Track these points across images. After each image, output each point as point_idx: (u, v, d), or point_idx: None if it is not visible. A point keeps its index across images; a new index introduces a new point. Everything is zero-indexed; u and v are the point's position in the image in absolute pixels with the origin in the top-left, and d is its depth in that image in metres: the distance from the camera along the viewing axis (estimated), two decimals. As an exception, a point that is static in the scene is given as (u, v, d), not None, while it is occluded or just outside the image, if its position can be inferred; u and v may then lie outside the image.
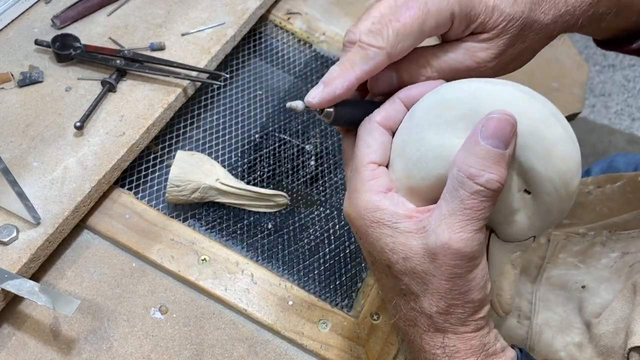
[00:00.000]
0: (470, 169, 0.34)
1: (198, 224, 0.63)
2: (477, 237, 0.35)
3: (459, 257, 0.35)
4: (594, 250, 0.62)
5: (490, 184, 0.34)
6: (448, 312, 0.37)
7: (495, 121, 0.34)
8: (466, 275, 0.36)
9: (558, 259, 0.64)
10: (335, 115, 0.39)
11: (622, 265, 0.58)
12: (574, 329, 0.56)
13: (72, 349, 0.53)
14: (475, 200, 0.34)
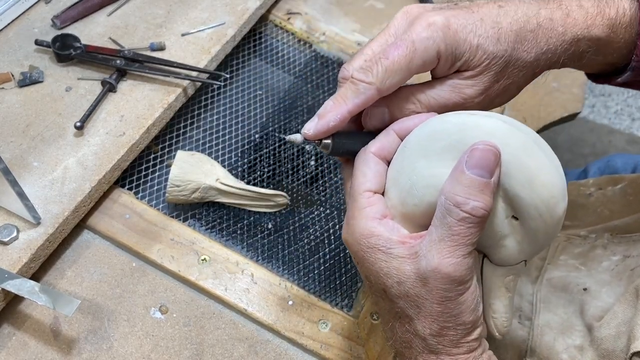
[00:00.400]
0: (457, 197, 0.36)
1: (198, 224, 0.63)
2: (465, 262, 0.37)
3: (448, 281, 0.37)
4: (595, 253, 0.62)
5: (476, 211, 0.36)
6: (441, 334, 0.39)
7: (479, 151, 0.36)
8: (457, 299, 0.37)
9: (559, 260, 0.64)
10: (333, 146, 0.42)
11: (623, 269, 0.58)
12: (575, 332, 0.56)
13: (72, 349, 0.53)
14: (462, 227, 0.36)
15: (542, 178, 0.37)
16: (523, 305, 0.62)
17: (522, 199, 0.38)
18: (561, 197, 0.39)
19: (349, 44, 0.80)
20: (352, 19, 0.84)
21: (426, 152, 0.39)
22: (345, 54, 0.79)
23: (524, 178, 0.37)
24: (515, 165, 0.37)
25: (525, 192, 0.38)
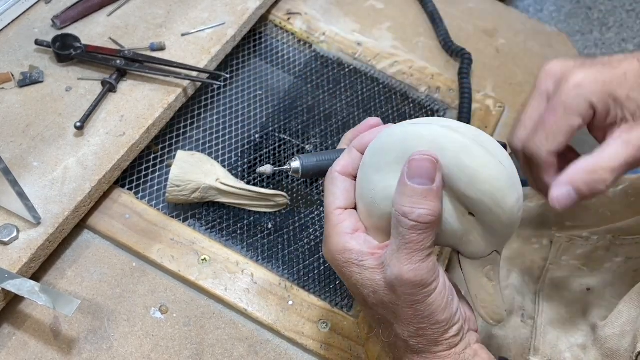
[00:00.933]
0: (404, 208, 0.38)
1: (198, 224, 0.63)
2: (424, 266, 0.38)
3: (411, 286, 0.39)
4: (598, 254, 0.62)
5: (422, 218, 0.38)
6: (419, 334, 0.41)
7: (416, 162, 0.38)
8: (425, 301, 0.39)
9: (561, 261, 0.64)
10: (302, 170, 0.45)
11: (626, 270, 0.58)
12: (578, 331, 0.56)
13: (73, 349, 0.53)
14: (413, 235, 0.38)
15: (484, 174, 0.38)
16: (526, 304, 0.62)
17: (469, 197, 0.39)
18: (507, 189, 0.39)
19: (349, 44, 0.80)
20: (352, 19, 0.84)
21: (378, 166, 0.41)
22: (345, 54, 0.79)
23: (466, 178, 0.39)
24: (456, 166, 0.39)
25: (471, 191, 0.39)
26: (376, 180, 0.41)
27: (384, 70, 0.79)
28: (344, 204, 0.43)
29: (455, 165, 0.39)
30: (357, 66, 0.79)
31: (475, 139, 0.39)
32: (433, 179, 0.38)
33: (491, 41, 0.86)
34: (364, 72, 0.79)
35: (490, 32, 0.88)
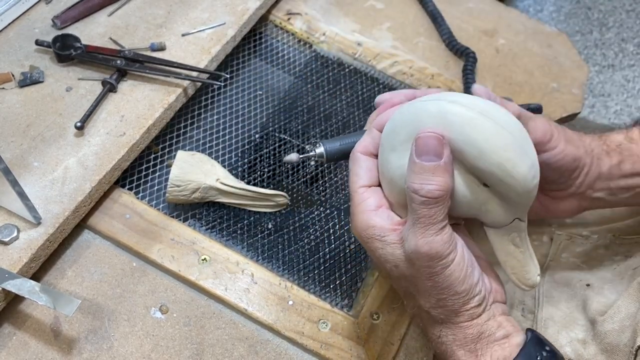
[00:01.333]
0: (414, 185, 0.40)
1: (198, 224, 0.63)
2: (438, 239, 0.40)
3: (428, 259, 0.40)
4: (597, 253, 0.62)
5: (431, 193, 0.39)
6: (439, 305, 0.42)
7: (421, 140, 0.40)
8: (443, 272, 0.40)
9: (561, 258, 0.65)
10: (327, 155, 0.46)
11: (625, 269, 0.58)
12: (578, 326, 0.57)
13: (73, 349, 0.53)
14: (424, 210, 0.39)
15: (491, 146, 0.39)
16: (526, 299, 0.62)
17: (480, 169, 0.40)
18: (517, 158, 0.39)
19: (349, 44, 0.80)
20: (352, 19, 0.84)
21: (393, 145, 0.43)
22: (345, 54, 0.79)
23: (474, 150, 0.39)
24: (464, 140, 0.39)
25: (480, 163, 0.40)
26: (392, 159, 0.43)
27: (384, 70, 0.79)
28: (367, 182, 0.44)
29: (462, 139, 0.39)
30: (357, 66, 0.79)
31: (481, 111, 0.40)
32: (440, 155, 0.39)
33: (491, 41, 0.86)
34: (364, 72, 0.79)
35: (490, 32, 0.88)
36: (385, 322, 0.58)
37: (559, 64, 0.85)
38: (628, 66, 1.98)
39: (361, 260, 0.63)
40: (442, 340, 0.43)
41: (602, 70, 1.96)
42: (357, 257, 0.63)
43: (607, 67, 1.97)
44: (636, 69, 1.97)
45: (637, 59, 1.99)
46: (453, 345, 0.43)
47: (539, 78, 0.83)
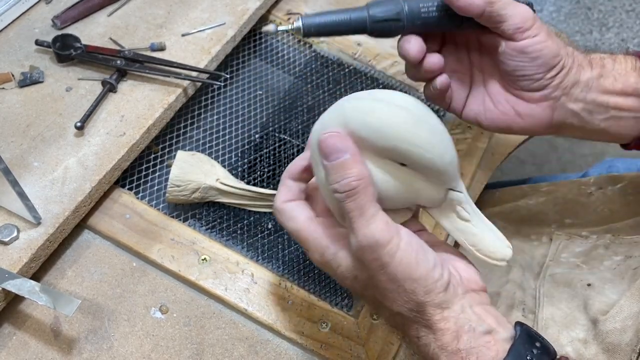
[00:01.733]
0: (333, 186, 0.40)
1: (198, 224, 0.63)
2: (373, 228, 0.39)
3: (370, 250, 0.39)
4: (597, 253, 0.62)
5: (349, 185, 0.39)
6: (405, 301, 0.40)
7: (323, 143, 0.40)
8: (392, 261, 0.39)
9: (560, 258, 0.65)
10: (304, 29, 0.46)
11: (625, 268, 0.58)
12: (579, 326, 0.57)
13: (73, 349, 0.53)
14: (350, 203, 0.39)
15: (387, 123, 0.40)
16: (526, 300, 0.62)
17: (388, 150, 0.41)
18: (415, 126, 0.40)
19: (349, 44, 0.80)
20: (352, 19, 0.84)
21: (316, 161, 0.43)
22: (345, 54, 0.79)
23: (375, 133, 0.40)
24: (364, 128, 0.40)
25: (385, 143, 0.40)
26: (319, 173, 0.43)
27: (384, 70, 0.79)
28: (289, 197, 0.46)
29: (362, 128, 0.41)
30: (357, 66, 0.79)
31: (374, 98, 0.41)
32: (345, 149, 0.40)
33: (491, 41, 0.86)
34: (363, 72, 0.79)
35: (490, 33, 0.87)
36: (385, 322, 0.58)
37: (558, 64, 0.85)
38: (628, 66, 1.98)
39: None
40: (423, 342, 0.41)
41: (602, 70, 1.96)
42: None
43: (607, 67, 1.97)
44: (636, 69, 1.97)
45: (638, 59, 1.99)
46: (435, 346, 0.40)
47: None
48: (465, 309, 0.41)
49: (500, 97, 0.52)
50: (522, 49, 0.48)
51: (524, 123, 0.52)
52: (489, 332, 0.40)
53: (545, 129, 0.53)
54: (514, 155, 0.78)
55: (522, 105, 0.52)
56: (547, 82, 0.50)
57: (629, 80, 0.50)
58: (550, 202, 0.71)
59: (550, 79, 0.50)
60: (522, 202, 0.73)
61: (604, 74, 0.51)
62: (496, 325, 0.41)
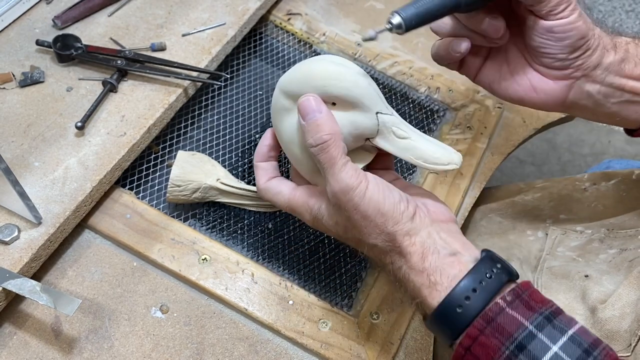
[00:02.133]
0: (310, 141, 0.45)
1: (199, 224, 0.63)
2: (344, 175, 0.44)
3: (343, 194, 0.45)
4: (592, 246, 0.63)
5: (322, 139, 0.45)
6: (377, 233, 0.45)
7: (301, 104, 0.46)
8: (362, 200, 0.44)
9: (557, 252, 0.65)
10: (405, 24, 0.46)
11: (621, 261, 0.58)
12: (577, 315, 0.57)
13: (73, 348, 0.53)
14: (323, 155, 0.45)
15: (308, 73, 0.47)
16: None
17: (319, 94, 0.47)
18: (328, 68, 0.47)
19: (349, 44, 0.80)
20: (352, 19, 0.84)
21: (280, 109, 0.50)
22: (345, 54, 0.79)
23: (304, 84, 0.47)
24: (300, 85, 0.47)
25: (313, 89, 0.47)
26: (285, 136, 0.50)
27: (383, 70, 0.79)
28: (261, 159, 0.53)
29: (301, 85, 0.47)
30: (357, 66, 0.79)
31: (322, 58, 0.49)
32: (319, 110, 0.45)
33: (491, 42, 0.86)
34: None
35: (490, 33, 0.88)
36: (385, 321, 0.58)
37: (558, 64, 0.85)
38: (628, 66, 1.98)
39: (361, 260, 0.63)
40: (397, 266, 0.46)
41: (602, 71, 1.96)
42: (356, 257, 0.63)
43: (607, 68, 1.97)
44: (636, 69, 1.97)
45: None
46: (405, 267, 0.45)
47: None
48: (432, 234, 0.45)
49: (519, 68, 0.52)
50: (550, 28, 0.48)
51: (538, 98, 0.52)
52: (454, 254, 0.44)
53: (558, 107, 0.53)
54: (513, 155, 0.78)
55: (539, 80, 0.51)
56: (570, 62, 0.50)
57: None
58: (545, 197, 0.72)
59: (574, 60, 0.49)
60: (518, 198, 0.73)
61: (627, 58, 0.50)
62: (462, 249, 0.45)
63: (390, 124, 0.48)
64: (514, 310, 0.41)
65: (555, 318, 0.42)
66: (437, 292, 0.43)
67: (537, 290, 0.44)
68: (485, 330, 0.41)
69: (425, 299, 0.43)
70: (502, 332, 0.41)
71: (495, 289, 0.42)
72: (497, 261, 0.44)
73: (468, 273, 0.42)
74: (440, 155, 0.48)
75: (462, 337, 0.42)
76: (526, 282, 0.44)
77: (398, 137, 0.48)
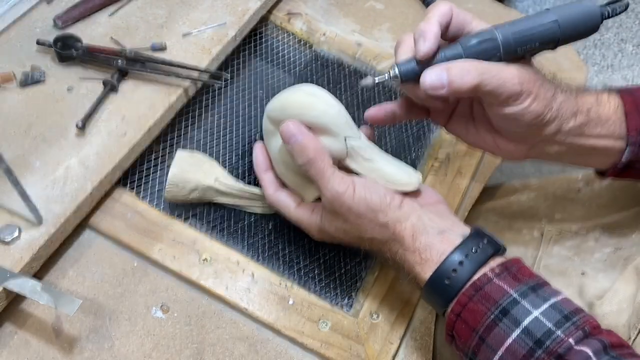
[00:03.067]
0: (299, 161, 0.51)
1: (199, 224, 0.63)
2: (333, 182, 0.50)
3: (335, 199, 0.50)
4: (588, 245, 0.63)
5: (307, 157, 0.50)
6: (373, 226, 0.51)
7: (282, 131, 0.52)
8: (353, 200, 0.50)
9: (552, 251, 0.65)
10: (401, 76, 0.50)
11: (616, 259, 0.59)
12: None
13: (74, 348, 0.53)
14: (313, 170, 0.51)
15: (283, 103, 0.54)
16: None
17: (306, 122, 0.52)
18: (301, 99, 0.53)
19: (349, 44, 0.80)
20: (352, 19, 0.84)
21: (269, 133, 0.58)
22: (346, 54, 0.79)
23: (281, 111, 0.54)
24: (286, 110, 0.53)
25: (287, 117, 0.53)
26: (272, 144, 0.57)
27: (384, 70, 0.79)
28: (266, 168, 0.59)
29: (280, 112, 0.54)
30: (357, 67, 0.79)
31: (298, 88, 0.54)
32: (299, 132, 0.51)
33: (491, 42, 0.86)
34: (363, 72, 0.79)
35: (489, 33, 0.88)
36: (385, 321, 0.58)
37: (558, 64, 0.85)
38: (627, 66, 1.98)
39: (361, 260, 0.63)
40: (394, 250, 0.51)
41: (602, 71, 1.97)
42: (356, 257, 0.63)
43: (607, 68, 1.98)
44: (635, 69, 1.98)
45: (636, 59, 1.99)
46: (401, 250, 0.50)
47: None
48: (422, 217, 0.50)
49: (483, 128, 0.55)
50: (503, 114, 0.50)
51: (501, 153, 0.56)
52: (442, 232, 0.49)
53: (521, 160, 0.57)
54: (513, 155, 0.78)
55: (501, 141, 0.54)
56: (528, 137, 0.53)
57: (609, 125, 0.53)
58: (540, 197, 0.72)
59: (530, 134, 0.52)
60: (513, 198, 0.74)
61: (588, 121, 0.52)
62: (450, 227, 0.50)
63: (357, 148, 0.53)
64: (501, 280, 0.46)
65: (540, 289, 0.45)
66: (428, 267, 0.48)
67: (526, 267, 0.47)
68: (473, 298, 0.46)
69: (418, 274, 0.49)
70: (489, 299, 0.45)
71: (481, 262, 0.47)
72: (484, 237, 0.48)
73: (455, 248, 0.48)
74: (400, 177, 0.53)
75: (452, 304, 0.47)
76: (517, 258, 0.48)
77: (364, 159, 0.54)
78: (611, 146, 0.53)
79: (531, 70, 0.50)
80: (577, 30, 0.50)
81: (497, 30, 0.49)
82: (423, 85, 0.48)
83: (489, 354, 0.44)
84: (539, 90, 0.49)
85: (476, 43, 0.49)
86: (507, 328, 0.44)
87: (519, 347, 0.43)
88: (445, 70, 0.47)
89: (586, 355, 0.41)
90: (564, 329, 0.42)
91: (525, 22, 0.49)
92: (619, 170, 0.55)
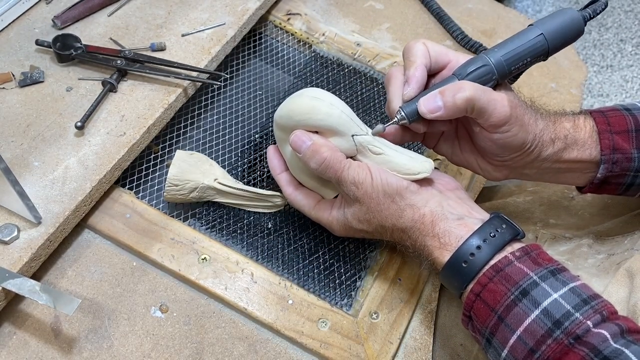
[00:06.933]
0: (312, 166, 0.53)
1: (198, 224, 0.63)
2: (350, 172, 0.52)
3: (355, 185, 0.52)
4: (581, 251, 0.63)
5: (320, 160, 0.52)
6: (392, 214, 0.52)
7: (292, 141, 0.54)
8: (371, 186, 0.52)
9: None
10: (408, 117, 0.53)
11: (609, 265, 0.59)
12: None
13: (73, 348, 0.53)
14: (329, 171, 0.52)
15: (288, 110, 0.55)
16: None
17: (302, 126, 0.54)
18: (306, 104, 0.54)
19: (349, 44, 0.80)
20: (351, 19, 0.84)
21: (281, 139, 0.59)
22: (345, 54, 0.79)
23: (298, 117, 0.54)
24: (291, 117, 0.55)
25: (292, 123, 0.54)
26: (286, 149, 0.58)
27: (383, 70, 0.79)
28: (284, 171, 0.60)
29: (288, 118, 0.55)
30: (357, 66, 0.79)
31: (313, 97, 0.54)
32: (307, 139, 0.53)
33: (490, 42, 0.86)
34: (363, 72, 0.79)
35: (488, 33, 0.88)
36: (385, 321, 0.58)
37: (557, 64, 0.85)
38: (626, 66, 1.98)
39: (360, 260, 0.63)
40: (414, 237, 0.52)
41: (601, 71, 1.97)
42: (356, 257, 0.63)
43: (606, 68, 1.98)
44: (634, 69, 1.98)
45: (636, 59, 2.00)
46: (422, 237, 0.51)
47: (537, 78, 0.84)
48: (442, 202, 0.52)
49: (467, 150, 0.58)
50: (492, 139, 0.53)
51: (483, 173, 0.59)
52: (461, 218, 0.50)
53: (500, 180, 0.60)
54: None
55: (483, 162, 0.58)
56: (509, 161, 0.56)
57: (585, 149, 0.55)
58: (536, 201, 0.73)
59: (512, 160, 0.55)
60: (510, 200, 0.75)
61: (565, 147, 0.55)
62: (469, 213, 0.52)
63: (366, 143, 0.54)
64: (521, 263, 0.47)
65: (559, 273, 0.46)
66: (447, 251, 0.49)
67: (546, 252, 0.49)
68: (494, 279, 0.47)
69: (437, 258, 0.50)
70: (509, 280, 0.46)
71: (499, 246, 0.48)
72: (503, 222, 0.50)
73: (473, 233, 0.49)
74: (411, 166, 0.53)
75: (472, 284, 0.48)
76: (536, 244, 0.49)
77: (374, 154, 0.54)
78: (586, 166, 0.56)
79: (514, 96, 0.53)
80: (564, 39, 0.53)
81: (487, 56, 0.52)
82: (421, 112, 0.51)
83: (507, 333, 0.45)
84: (524, 116, 0.52)
85: (471, 71, 0.52)
86: (526, 308, 0.44)
87: (538, 327, 0.44)
88: (439, 93, 0.51)
89: (604, 337, 0.42)
90: (582, 312, 0.43)
91: (512, 43, 0.52)
92: (596, 186, 0.57)
